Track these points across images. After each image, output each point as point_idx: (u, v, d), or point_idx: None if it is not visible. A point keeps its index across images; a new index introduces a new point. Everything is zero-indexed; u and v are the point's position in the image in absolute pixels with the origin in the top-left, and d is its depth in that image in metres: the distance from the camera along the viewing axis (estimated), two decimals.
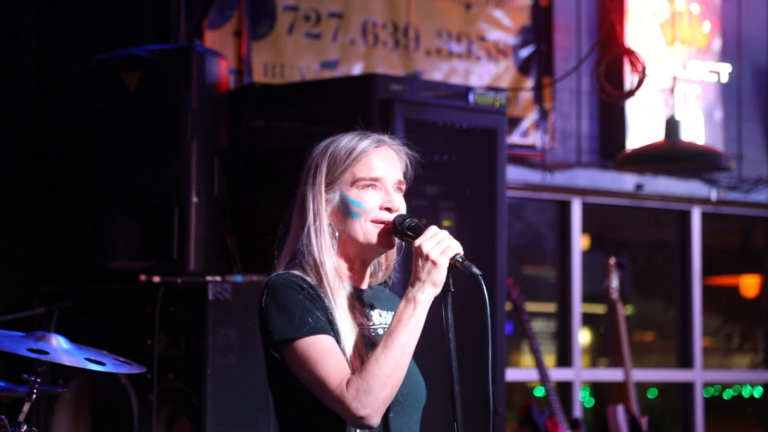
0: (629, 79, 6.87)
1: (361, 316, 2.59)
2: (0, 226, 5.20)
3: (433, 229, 2.50)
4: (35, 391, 3.49)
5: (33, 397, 3.49)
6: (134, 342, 4.60)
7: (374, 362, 2.42)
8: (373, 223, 2.57)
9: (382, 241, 2.58)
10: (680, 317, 7.84)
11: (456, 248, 2.48)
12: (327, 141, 2.65)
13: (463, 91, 5.20)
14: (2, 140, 5.23)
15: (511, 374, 6.95)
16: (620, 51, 6.78)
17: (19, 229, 5.24)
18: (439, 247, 2.47)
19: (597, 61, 6.71)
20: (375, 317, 2.63)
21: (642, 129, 7.25)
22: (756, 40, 7.93)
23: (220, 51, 5.39)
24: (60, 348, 3.45)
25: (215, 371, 4.48)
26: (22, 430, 3.46)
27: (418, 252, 2.48)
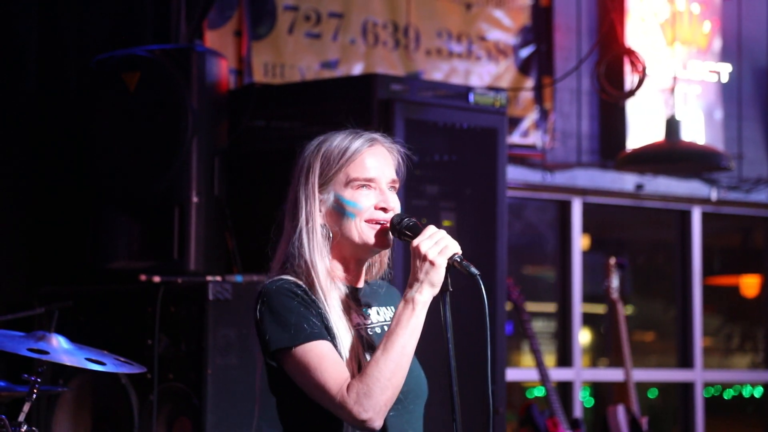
0: (629, 79, 6.86)
1: (358, 316, 2.58)
2: (0, 226, 5.20)
3: (431, 228, 2.49)
4: (35, 391, 3.48)
5: (33, 396, 3.49)
6: (134, 342, 4.60)
7: (374, 365, 2.41)
8: (368, 223, 2.56)
9: (378, 241, 2.57)
10: (680, 317, 7.83)
11: (454, 248, 2.47)
12: (319, 140, 2.63)
13: (464, 91, 5.20)
14: (2, 140, 5.23)
15: (511, 374, 6.94)
16: (620, 51, 6.78)
17: (19, 229, 5.24)
18: (437, 247, 2.45)
19: (597, 61, 6.70)
20: (373, 316, 2.62)
21: (642, 129, 7.25)
22: (756, 40, 7.92)
23: (221, 51, 5.39)
24: (60, 348, 3.44)
25: (215, 371, 4.48)
26: (23, 430, 3.45)
27: (416, 252, 2.46)
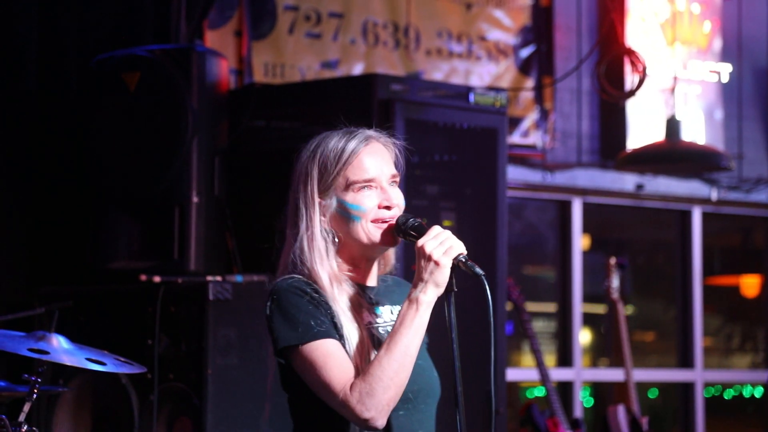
0: (630, 79, 6.86)
1: (370, 315, 2.58)
2: (0, 226, 5.20)
3: (436, 229, 2.49)
4: (36, 391, 3.48)
5: (33, 397, 3.48)
6: (135, 342, 4.60)
7: (377, 365, 2.42)
8: (374, 223, 2.56)
9: (386, 240, 2.57)
10: (681, 317, 7.83)
11: (459, 248, 2.47)
12: (314, 143, 2.62)
13: (464, 91, 5.20)
14: (2, 140, 5.23)
15: (511, 374, 6.95)
16: (621, 51, 6.78)
17: (19, 229, 5.24)
18: (442, 248, 2.45)
19: (597, 61, 6.70)
20: (385, 314, 2.62)
21: (642, 129, 7.25)
22: (756, 40, 7.92)
23: (221, 51, 5.39)
24: (60, 348, 3.44)
25: (216, 371, 4.48)
26: (23, 430, 3.45)
27: (420, 252, 2.46)
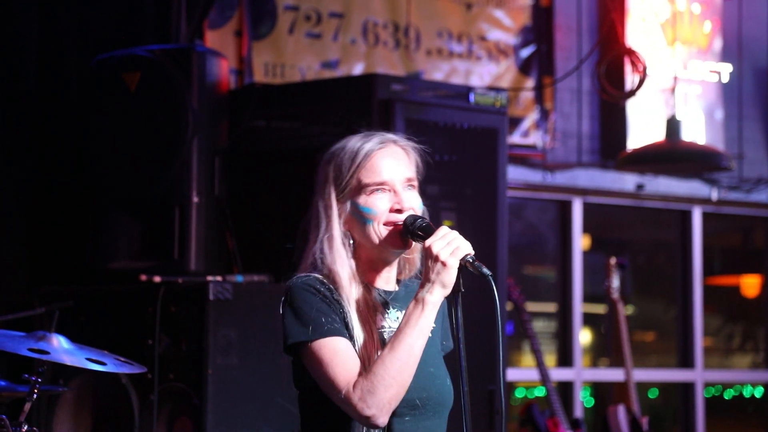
0: (630, 79, 6.86)
1: (383, 319, 2.60)
2: (0, 226, 5.20)
3: (444, 229, 2.50)
4: (36, 391, 3.48)
5: (34, 396, 3.49)
6: (135, 342, 4.60)
7: (380, 363, 2.44)
8: (386, 225, 2.58)
9: (394, 242, 2.58)
10: (681, 317, 7.83)
11: (466, 249, 2.48)
12: (334, 147, 2.65)
13: (464, 91, 5.20)
14: (2, 140, 5.23)
15: (512, 374, 6.95)
16: (621, 51, 6.77)
17: (19, 229, 5.24)
18: (449, 248, 2.47)
19: (598, 61, 6.70)
20: (401, 318, 2.62)
21: (643, 129, 7.25)
22: (757, 40, 7.92)
23: (221, 51, 5.39)
24: (61, 348, 3.44)
25: (216, 371, 4.48)
26: (23, 430, 3.45)
27: (428, 253, 2.48)
